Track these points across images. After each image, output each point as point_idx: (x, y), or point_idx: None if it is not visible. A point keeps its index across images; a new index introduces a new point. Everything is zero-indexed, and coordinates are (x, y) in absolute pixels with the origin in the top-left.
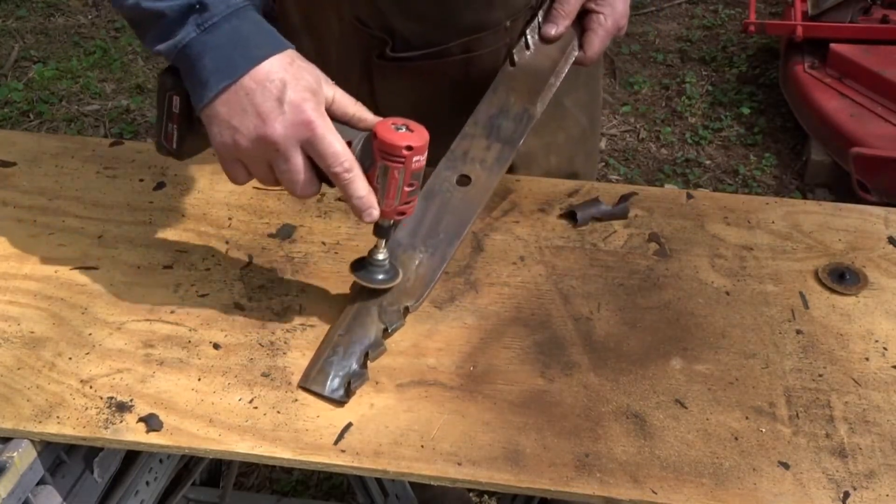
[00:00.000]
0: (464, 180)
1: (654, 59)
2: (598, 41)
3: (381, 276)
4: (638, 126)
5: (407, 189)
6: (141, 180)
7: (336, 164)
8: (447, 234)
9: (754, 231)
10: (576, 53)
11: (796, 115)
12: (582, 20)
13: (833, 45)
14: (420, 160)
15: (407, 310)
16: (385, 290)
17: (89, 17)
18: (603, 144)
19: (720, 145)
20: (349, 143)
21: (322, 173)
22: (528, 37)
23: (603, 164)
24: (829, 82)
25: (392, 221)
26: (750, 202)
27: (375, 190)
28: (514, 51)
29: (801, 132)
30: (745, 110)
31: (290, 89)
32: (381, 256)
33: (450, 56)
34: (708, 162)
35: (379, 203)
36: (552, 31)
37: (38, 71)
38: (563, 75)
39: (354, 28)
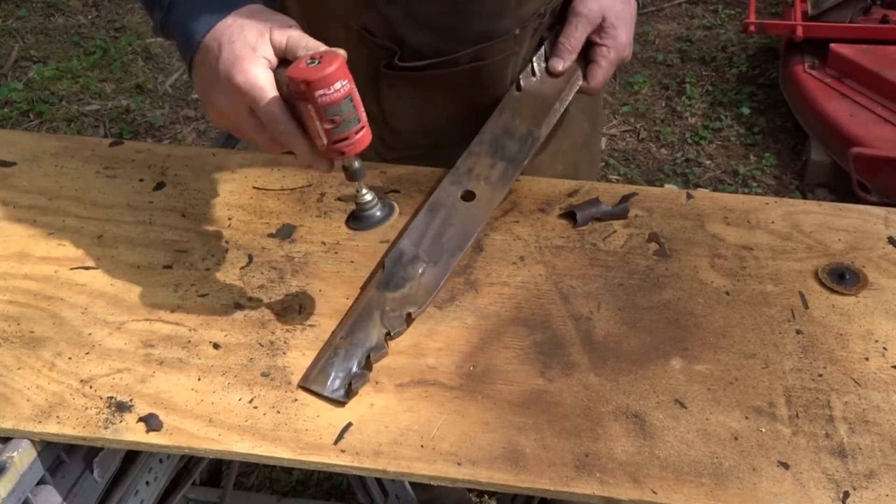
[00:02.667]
0: (468, 196)
1: (654, 59)
2: (601, 73)
3: (378, 215)
4: (638, 126)
5: (328, 126)
6: (141, 180)
7: (270, 128)
8: (450, 246)
9: (754, 231)
10: (580, 83)
11: (796, 115)
12: (586, 52)
13: (833, 45)
14: (326, 94)
15: (409, 315)
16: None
17: (89, 17)
18: (603, 144)
19: (720, 145)
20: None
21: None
22: (535, 65)
23: (603, 164)
24: (829, 82)
25: (356, 162)
26: (750, 202)
27: (309, 133)
28: (521, 77)
29: (801, 132)
30: (745, 110)
31: (224, 52)
32: (367, 197)
33: (458, 65)
34: (708, 162)
35: (315, 145)
36: (559, 66)
37: (38, 71)
38: (568, 102)
39: (361, 37)
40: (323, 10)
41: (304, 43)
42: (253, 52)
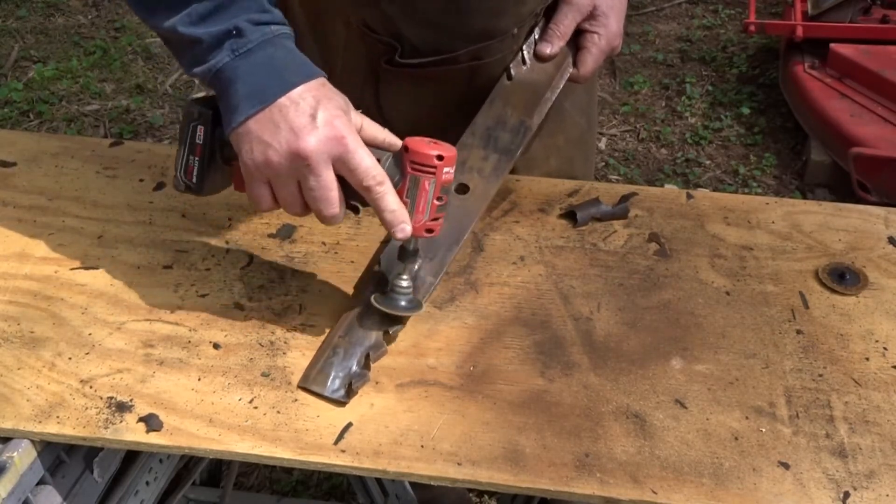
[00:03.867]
0: (462, 188)
1: (654, 59)
2: (591, 60)
3: (403, 304)
4: (638, 126)
5: (437, 203)
6: (141, 180)
7: (368, 177)
8: (446, 240)
9: (754, 231)
10: (570, 70)
11: (796, 115)
12: (577, 39)
13: (833, 45)
14: (449, 172)
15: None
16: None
17: (89, 17)
18: (603, 144)
19: (720, 145)
20: (378, 160)
21: (349, 195)
22: (525, 53)
23: (603, 164)
24: (829, 82)
25: (416, 242)
26: (750, 202)
27: (405, 203)
28: (511, 66)
29: (801, 132)
30: (745, 110)
31: (322, 107)
32: (404, 283)
33: (457, 63)
34: (708, 162)
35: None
36: (547, 49)
37: (38, 71)
38: (559, 90)
39: (362, 34)
40: (324, 5)
41: (379, 129)
42: (346, 113)
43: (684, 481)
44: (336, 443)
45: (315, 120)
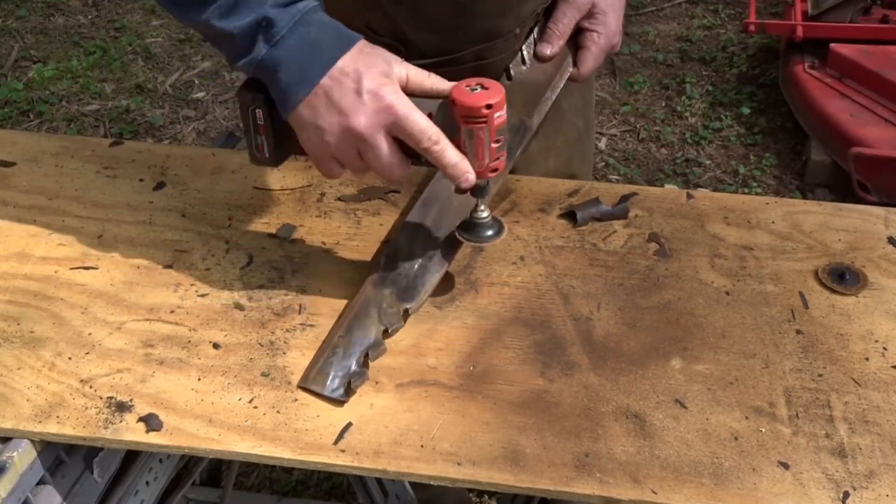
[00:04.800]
0: (462, 188)
1: (654, 59)
2: (591, 59)
3: (489, 233)
4: (638, 126)
5: (494, 146)
6: (141, 180)
7: (424, 139)
8: (446, 240)
9: (754, 231)
10: (570, 69)
11: (796, 115)
12: (576, 38)
13: (833, 45)
14: (501, 115)
15: (407, 312)
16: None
17: (89, 17)
18: (603, 144)
19: (720, 145)
20: (429, 116)
21: (409, 150)
22: (524, 53)
23: (603, 164)
24: (829, 82)
25: (487, 180)
26: (750, 202)
27: (465, 153)
28: (511, 66)
29: (801, 132)
30: (745, 110)
31: (365, 79)
32: (484, 214)
33: (461, 64)
34: (708, 162)
35: (471, 165)
36: (547, 50)
37: (38, 71)
38: (559, 89)
39: (365, 35)
40: (327, 7)
41: (426, 75)
42: (390, 77)
43: (684, 481)
44: (336, 443)
45: (361, 96)
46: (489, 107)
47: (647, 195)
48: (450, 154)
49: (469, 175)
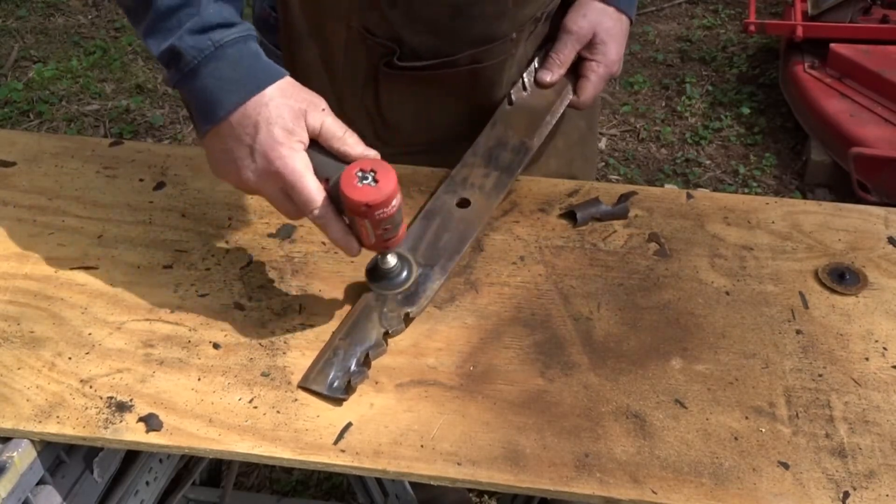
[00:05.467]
0: (463, 203)
1: (654, 59)
2: (591, 87)
3: (399, 280)
4: (638, 126)
5: (380, 233)
6: (141, 180)
7: (307, 210)
8: (447, 250)
9: (754, 231)
10: (570, 96)
11: (796, 115)
12: (577, 67)
13: (833, 45)
14: (384, 212)
15: (408, 315)
16: (399, 290)
17: (89, 17)
18: (603, 144)
19: (720, 145)
20: (327, 180)
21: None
22: (525, 79)
23: (603, 164)
24: (829, 82)
25: (388, 252)
26: (750, 202)
27: (353, 229)
28: (512, 91)
29: (801, 132)
30: (745, 110)
31: (261, 134)
32: (391, 264)
33: (456, 66)
34: (708, 162)
35: (359, 242)
36: (547, 77)
37: (38, 71)
38: (559, 115)
39: (362, 36)
40: (325, 8)
41: (340, 134)
42: (290, 136)
43: (684, 481)
44: (336, 442)
45: (253, 153)
46: (368, 206)
47: (647, 195)
48: (333, 229)
49: (351, 250)
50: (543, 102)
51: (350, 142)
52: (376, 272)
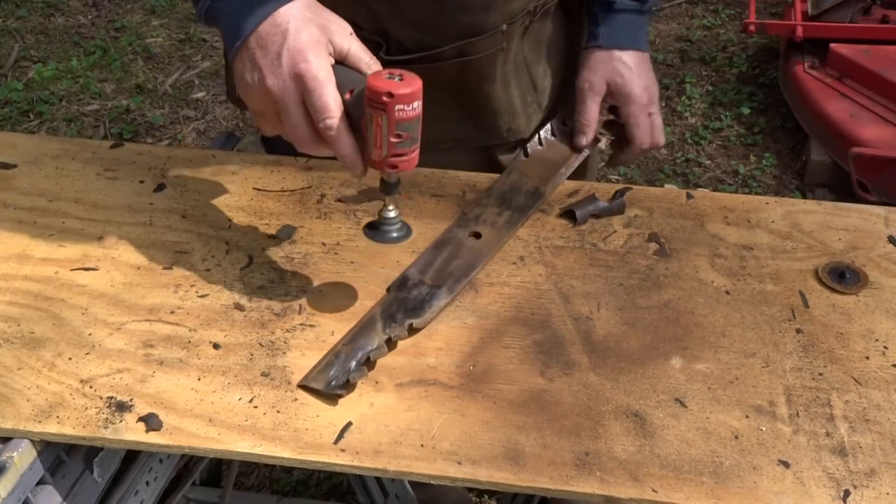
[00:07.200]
0: (476, 235)
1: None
2: (633, 130)
3: (394, 234)
4: None
5: (393, 140)
6: (141, 182)
7: (319, 118)
8: (456, 274)
9: (754, 231)
10: (587, 153)
11: (796, 115)
12: (621, 130)
13: (833, 45)
14: (405, 109)
15: (412, 326)
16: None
17: (89, 17)
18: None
19: (720, 145)
20: (351, 91)
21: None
22: (542, 136)
23: (603, 163)
24: (829, 82)
25: (397, 178)
26: (750, 202)
27: (366, 140)
28: (528, 146)
29: (801, 132)
30: (745, 110)
31: (289, 41)
32: (391, 214)
33: (444, 59)
34: (708, 162)
35: (370, 152)
36: (583, 141)
37: (38, 71)
38: (574, 168)
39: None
40: None
41: (367, 59)
42: (317, 44)
43: (684, 480)
44: (336, 442)
45: (280, 57)
46: (390, 95)
47: (646, 195)
48: (342, 143)
49: (355, 169)
50: (559, 157)
51: (377, 68)
52: (375, 222)
